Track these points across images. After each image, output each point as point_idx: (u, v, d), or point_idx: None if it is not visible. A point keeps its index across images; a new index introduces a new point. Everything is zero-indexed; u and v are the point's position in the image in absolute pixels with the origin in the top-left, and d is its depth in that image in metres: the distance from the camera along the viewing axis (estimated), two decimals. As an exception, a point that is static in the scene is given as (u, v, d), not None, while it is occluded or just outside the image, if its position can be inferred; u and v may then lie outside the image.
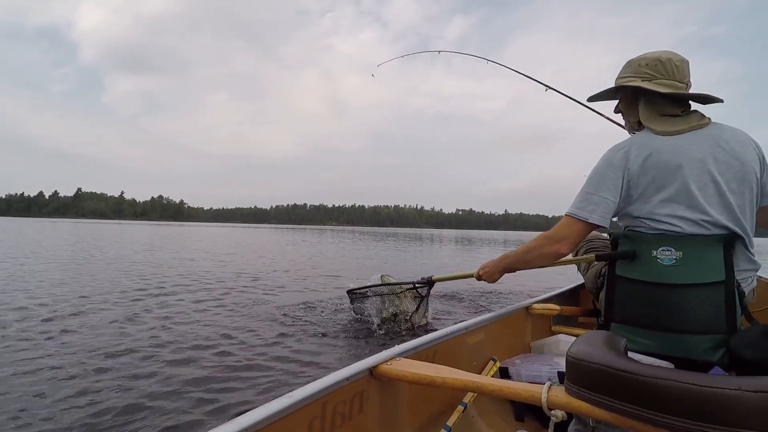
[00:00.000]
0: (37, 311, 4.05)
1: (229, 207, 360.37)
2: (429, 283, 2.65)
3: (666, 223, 1.26)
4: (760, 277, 2.21)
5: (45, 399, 2.13)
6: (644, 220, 1.30)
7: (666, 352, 1.23)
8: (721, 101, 1.37)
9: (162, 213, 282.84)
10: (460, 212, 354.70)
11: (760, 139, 1.34)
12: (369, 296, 3.57)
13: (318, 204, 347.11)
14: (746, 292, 1.26)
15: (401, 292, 3.51)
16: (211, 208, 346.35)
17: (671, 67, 1.33)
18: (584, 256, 1.75)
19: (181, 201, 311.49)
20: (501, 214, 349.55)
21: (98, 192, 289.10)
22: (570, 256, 1.90)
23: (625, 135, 1.52)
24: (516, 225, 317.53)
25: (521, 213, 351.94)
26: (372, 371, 1.04)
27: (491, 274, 1.69)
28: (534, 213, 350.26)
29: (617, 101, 1.53)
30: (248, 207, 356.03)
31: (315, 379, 0.91)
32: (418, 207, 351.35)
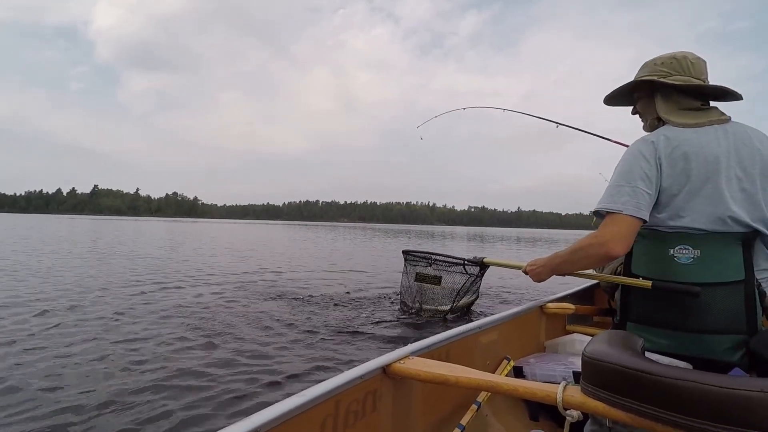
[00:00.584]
0: (62, 303, 4.19)
1: (242, 203, 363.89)
2: (480, 264, 2.48)
3: (686, 218, 1.23)
4: None
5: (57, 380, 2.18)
6: (663, 217, 1.28)
7: (684, 352, 1.21)
8: (740, 98, 1.34)
9: (177, 209, 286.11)
10: (473, 209, 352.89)
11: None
12: (419, 261, 3.64)
13: (330, 201, 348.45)
14: (767, 292, 1.23)
15: (450, 266, 3.53)
16: (224, 205, 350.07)
17: (687, 64, 1.33)
18: (640, 280, 1.31)
19: (195, 198, 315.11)
20: (514, 211, 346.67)
21: (114, 189, 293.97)
22: (620, 275, 1.75)
23: None
24: (529, 222, 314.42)
25: (534, 210, 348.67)
26: (385, 370, 1.04)
27: (538, 273, 1.53)
28: (547, 210, 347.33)
29: (632, 106, 1.52)
30: (261, 203, 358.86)
31: (328, 378, 0.92)
32: (430, 204, 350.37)
